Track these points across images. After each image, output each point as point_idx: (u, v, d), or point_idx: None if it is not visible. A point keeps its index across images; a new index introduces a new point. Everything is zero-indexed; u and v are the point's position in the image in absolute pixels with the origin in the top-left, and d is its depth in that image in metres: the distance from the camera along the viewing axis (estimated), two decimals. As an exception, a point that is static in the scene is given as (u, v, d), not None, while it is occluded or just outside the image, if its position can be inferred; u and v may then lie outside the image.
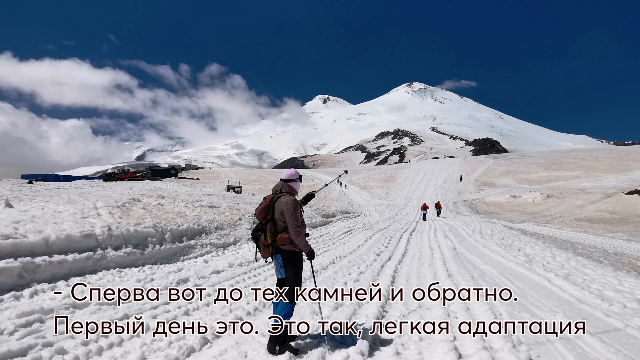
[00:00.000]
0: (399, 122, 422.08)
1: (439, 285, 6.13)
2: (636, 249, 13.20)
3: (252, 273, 6.89)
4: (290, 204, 3.48)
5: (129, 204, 10.17)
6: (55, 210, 8.15)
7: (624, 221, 25.83)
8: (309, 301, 4.95)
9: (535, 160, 69.01)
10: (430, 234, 15.59)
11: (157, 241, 7.92)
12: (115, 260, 6.68)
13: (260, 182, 56.67)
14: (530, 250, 10.38)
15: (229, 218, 12.09)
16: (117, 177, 52.28)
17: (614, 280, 6.76)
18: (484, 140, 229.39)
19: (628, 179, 43.54)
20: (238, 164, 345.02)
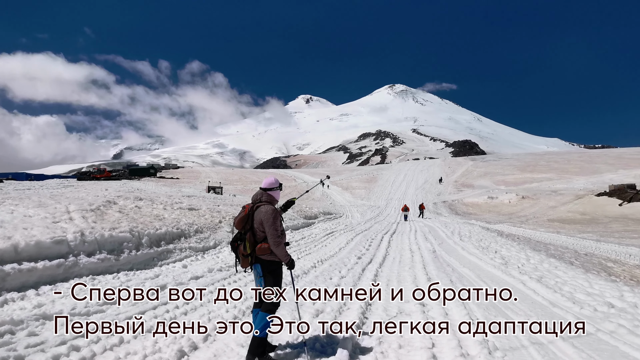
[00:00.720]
0: (381, 124, 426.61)
1: (418, 291, 6.20)
2: (605, 250, 13.75)
3: (233, 278, 6.79)
4: (269, 213, 3.44)
5: (104, 207, 9.86)
6: (25, 214, 7.81)
7: (594, 222, 26.89)
8: (289, 309, 4.91)
9: (512, 163, 71.08)
10: (410, 235, 15.79)
11: (134, 246, 7.70)
12: (88, 267, 6.45)
13: (242, 182, 56.12)
14: (506, 252, 10.66)
15: (209, 221, 11.90)
16: (93, 176, 50.73)
17: (584, 282, 7.00)
18: (463, 142, 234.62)
19: (597, 181, 45.38)
20: (219, 163, 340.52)
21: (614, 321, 4.67)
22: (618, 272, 9.51)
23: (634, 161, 61.12)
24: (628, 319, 4.76)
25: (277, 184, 3.69)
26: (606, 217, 28.52)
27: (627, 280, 8.49)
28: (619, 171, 52.92)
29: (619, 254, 12.87)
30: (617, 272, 9.41)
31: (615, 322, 4.61)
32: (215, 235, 10.83)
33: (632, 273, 9.54)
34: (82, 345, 3.65)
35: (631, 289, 6.55)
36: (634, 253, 13.12)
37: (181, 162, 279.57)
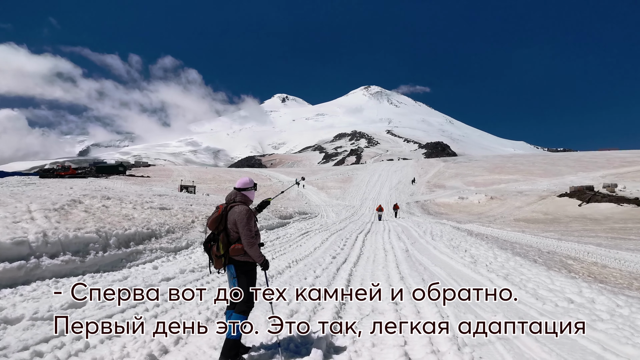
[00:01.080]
0: (357, 124, 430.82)
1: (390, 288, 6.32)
2: (566, 248, 14.51)
3: (205, 279, 6.67)
4: (243, 214, 3.41)
5: (69, 206, 9.43)
6: (-20, 213, 7.35)
7: (556, 221, 28.31)
8: (263, 310, 4.88)
9: (481, 164, 73.60)
10: (384, 235, 16.04)
11: (101, 247, 7.41)
12: (51, 269, 6.15)
13: (216, 181, 55.12)
14: (475, 251, 11.03)
15: (182, 220, 11.62)
16: (57, 173, 48.28)
17: (547, 279, 7.37)
18: (435, 144, 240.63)
19: (560, 182, 47.78)
20: (192, 162, 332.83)
21: (573, 316, 4.95)
22: (577, 269, 10.06)
23: (592, 164, 64.79)
24: (586, 314, 5.05)
25: (252, 184, 3.65)
26: (567, 217, 30.08)
27: (585, 276, 9.01)
28: (578, 173, 55.97)
29: (578, 252, 13.62)
30: (577, 269, 9.96)
31: (575, 317, 4.88)
32: (188, 235, 10.59)
33: (590, 270, 10.12)
34: (46, 351, 3.48)
35: (589, 285, 6.95)
36: (592, 251, 13.92)
37: (152, 160, 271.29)
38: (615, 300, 5.76)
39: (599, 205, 32.00)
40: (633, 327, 4.55)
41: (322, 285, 6.41)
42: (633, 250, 14.67)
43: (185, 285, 6.15)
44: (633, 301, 5.98)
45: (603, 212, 30.34)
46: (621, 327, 4.54)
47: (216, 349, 3.64)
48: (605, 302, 5.69)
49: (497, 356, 3.66)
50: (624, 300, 5.82)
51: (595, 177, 48.68)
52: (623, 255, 13.02)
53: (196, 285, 6.24)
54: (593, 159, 73.60)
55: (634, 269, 10.71)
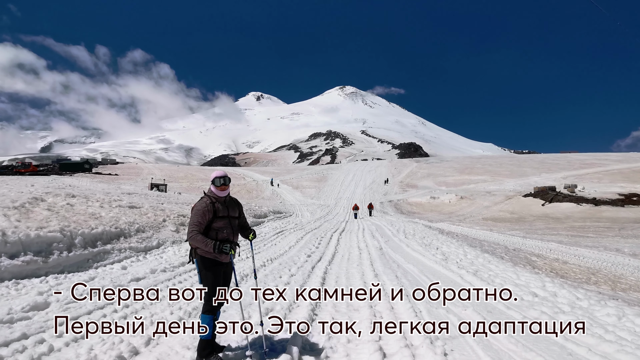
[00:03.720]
0: (332, 124, 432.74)
1: (366, 285, 6.40)
2: (530, 245, 15.22)
3: (177, 279, 6.51)
4: (195, 205, 3.42)
5: (30, 204, 8.94)
6: None
7: (521, 220, 29.60)
8: (237, 309, 4.81)
9: (452, 165, 75.84)
10: (358, 234, 16.22)
11: (65, 247, 7.07)
12: (10, 270, 5.81)
13: (188, 179, 53.84)
14: (447, 249, 11.36)
15: (152, 219, 11.28)
16: (16, 170, 45.65)
17: (513, 274, 7.69)
18: (408, 145, 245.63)
19: (525, 183, 50.02)
20: (164, 160, 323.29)
21: (537, 309, 5.19)
22: (540, 265, 10.58)
23: (555, 166, 68.26)
24: (549, 307, 5.31)
25: (212, 177, 3.51)
26: (531, 215, 31.53)
27: (548, 272, 9.48)
28: (542, 174, 58.81)
29: (542, 249, 14.32)
30: (540, 265, 10.46)
31: (539, 310, 5.13)
32: (159, 234, 10.29)
33: (552, 266, 10.66)
34: (6, 355, 3.29)
35: (551, 280, 7.31)
36: (554, 248, 14.67)
37: (121, 157, 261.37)
38: (575, 294, 6.08)
39: (560, 205, 33.75)
40: (592, 319, 4.83)
41: (298, 283, 6.41)
42: (591, 247, 15.59)
43: (156, 285, 5.98)
44: (591, 294, 6.34)
45: (564, 211, 32.02)
46: (581, 318, 4.81)
47: (189, 349, 3.56)
48: (566, 295, 6.01)
49: (467, 348, 3.79)
50: (583, 294, 6.16)
51: (557, 178, 51.33)
52: (582, 252, 13.81)
53: (168, 285, 6.08)
54: (555, 160, 77.55)
55: (591, 265, 11.38)
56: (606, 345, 3.90)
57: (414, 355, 3.54)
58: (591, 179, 49.86)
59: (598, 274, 10.03)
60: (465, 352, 3.69)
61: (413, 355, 3.53)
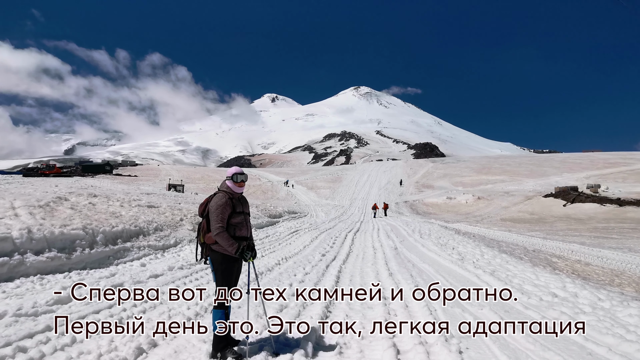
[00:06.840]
0: (346, 125, 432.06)
1: (380, 285, 6.37)
2: (551, 246, 14.82)
3: (194, 276, 6.64)
4: (216, 201, 3.38)
5: (54, 203, 9.26)
6: (-39, 210, 7.17)
7: (541, 221, 28.85)
8: (252, 305, 4.87)
9: (469, 165, 74.57)
10: (373, 233, 16.14)
11: (87, 244, 7.30)
12: (36, 266, 6.05)
13: (204, 180, 54.66)
14: (463, 249, 11.19)
15: (170, 218, 11.51)
16: (41, 172, 47.27)
17: (532, 275, 7.52)
18: (424, 145, 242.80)
19: (545, 183, 48.74)
20: (181, 161, 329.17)
21: (557, 309, 5.07)
22: (561, 266, 10.30)
23: (577, 165, 66.26)
24: (569, 307, 5.18)
25: (231, 174, 3.52)
26: (552, 216, 30.69)
27: (569, 273, 9.23)
28: (563, 174, 57.18)
29: (563, 250, 13.93)
30: (561, 267, 10.19)
31: (558, 310, 5.00)
32: (176, 233, 10.49)
33: (574, 267, 10.37)
34: (30, 346, 3.42)
35: (572, 281, 7.12)
36: (575, 249, 14.25)
37: (141, 159, 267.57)
38: (597, 295, 5.91)
39: (582, 206, 32.74)
40: (613, 319, 4.69)
41: (312, 281, 6.44)
42: (615, 248, 15.07)
43: (173, 282, 6.11)
44: (614, 295, 6.15)
45: (587, 212, 31.05)
46: (602, 318, 4.67)
47: (205, 342, 3.63)
48: (587, 296, 5.84)
49: (484, 346, 3.74)
50: (605, 295, 5.98)
51: (580, 178, 49.81)
52: (605, 254, 13.37)
53: (185, 282, 6.20)
54: (577, 160, 75.25)
55: (615, 267, 11.01)
56: (627, 345, 3.78)
57: (428, 352, 3.51)
58: (615, 178, 48.19)
59: (622, 275, 9.71)
60: (481, 351, 3.64)
61: (427, 352, 3.51)
